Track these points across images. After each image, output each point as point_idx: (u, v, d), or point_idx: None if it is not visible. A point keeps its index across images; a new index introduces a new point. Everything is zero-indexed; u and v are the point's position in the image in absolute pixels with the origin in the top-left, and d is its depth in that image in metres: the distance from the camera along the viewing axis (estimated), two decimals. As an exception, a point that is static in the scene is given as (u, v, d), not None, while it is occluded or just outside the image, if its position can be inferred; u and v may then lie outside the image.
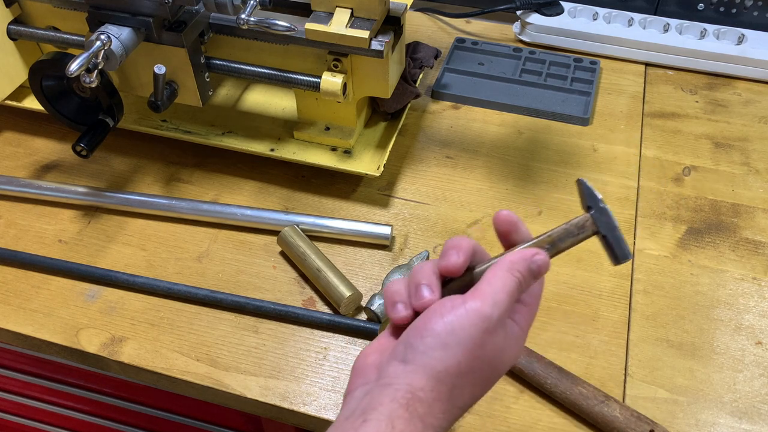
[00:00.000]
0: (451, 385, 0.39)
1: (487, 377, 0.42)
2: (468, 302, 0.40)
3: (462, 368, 0.39)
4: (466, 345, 0.39)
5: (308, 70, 0.72)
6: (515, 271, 0.42)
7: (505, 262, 0.43)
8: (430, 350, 0.39)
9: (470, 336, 0.39)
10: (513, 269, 0.42)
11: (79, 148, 0.68)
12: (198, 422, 0.82)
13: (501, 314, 0.41)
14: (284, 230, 0.70)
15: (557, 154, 0.82)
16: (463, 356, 0.39)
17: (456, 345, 0.39)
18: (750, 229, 0.74)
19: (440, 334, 0.39)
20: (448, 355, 0.39)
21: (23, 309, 0.67)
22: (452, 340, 0.39)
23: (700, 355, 0.63)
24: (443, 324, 0.40)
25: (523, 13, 0.97)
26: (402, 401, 0.38)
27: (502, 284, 0.41)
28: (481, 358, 0.40)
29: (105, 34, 0.64)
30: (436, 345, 0.39)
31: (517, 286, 0.42)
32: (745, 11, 0.95)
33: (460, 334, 0.39)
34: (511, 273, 0.42)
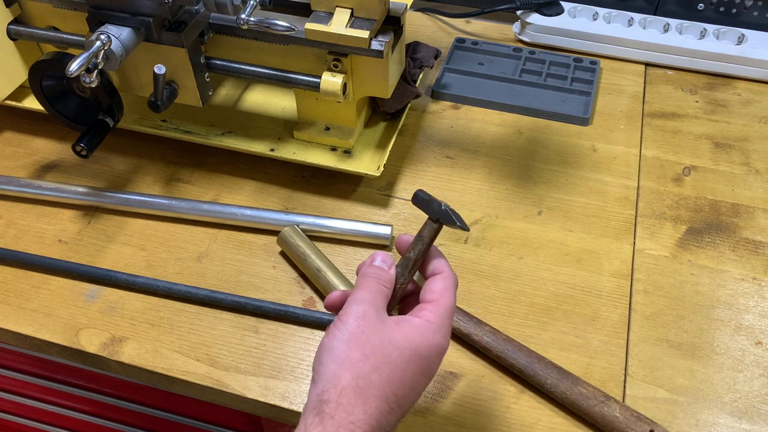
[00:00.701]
0: (351, 377, 0.42)
1: (396, 360, 0.43)
2: (339, 314, 0.46)
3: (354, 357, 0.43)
4: (347, 338, 0.44)
5: (308, 70, 0.72)
6: (365, 275, 0.48)
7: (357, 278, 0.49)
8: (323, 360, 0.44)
9: (347, 331, 0.44)
10: (363, 276, 0.48)
11: (79, 148, 0.68)
12: (198, 422, 0.82)
13: (365, 304, 0.45)
14: (284, 230, 0.70)
15: (557, 154, 0.82)
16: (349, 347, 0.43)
17: (339, 343, 0.43)
18: (750, 229, 0.74)
19: (325, 344, 0.44)
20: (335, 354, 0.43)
21: (23, 309, 0.67)
22: (335, 342, 0.44)
23: (700, 355, 0.63)
24: (327, 338, 0.44)
25: (523, 13, 0.97)
26: (314, 411, 0.42)
27: (358, 288, 0.47)
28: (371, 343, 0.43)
29: (105, 34, 0.64)
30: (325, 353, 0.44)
31: (371, 283, 0.47)
32: (745, 11, 0.95)
33: (339, 335, 0.44)
34: (363, 278, 0.48)
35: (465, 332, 0.62)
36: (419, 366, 0.44)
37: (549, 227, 0.74)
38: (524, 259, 0.71)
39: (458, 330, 0.63)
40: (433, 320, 0.45)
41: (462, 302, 0.66)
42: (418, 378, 0.44)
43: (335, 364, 0.43)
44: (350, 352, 0.43)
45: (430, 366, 0.45)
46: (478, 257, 0.71)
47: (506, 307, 0.66)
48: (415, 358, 0.44)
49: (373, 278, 0.47)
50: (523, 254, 0.71)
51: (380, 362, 0.43)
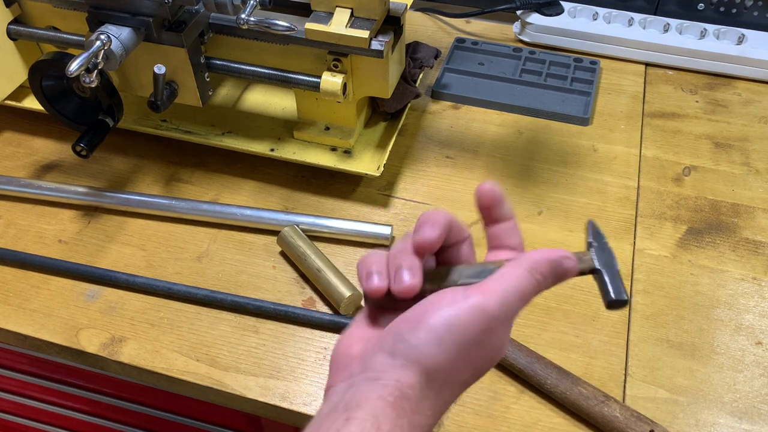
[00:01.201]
0: (441, 383, 0.37)
1: (478, 374, 0.39)
2: (471, 297, 0.37)
3: (455, 367, 0.37)
4: (462, 343, 0.36)
5: (308, 70, 0.72)
6: (536, 273, 0.39)
7: (527, 260, 0.39)
8: (423, 345, 0.36)
9: (468, 334, 0.36)
10: (534, 270, 0.39)
11: (79, 148, 0.68)
12: (198, 422, 0.82)
13: (507, 315, 0.38)
14: (284, 230, 0.70)
15: (557, 154, 0.82)
16: (458, 354, 0.36)
17: (452, 343, 0.36)
18: (750, 229, 0.74)
19: (435, 328, 0.36)
20: (442, 351, 0.36)
21: (23, 309, 0.67)
22: (448, 336, 0.36)
23: (700, 355, 0.63)
24: (440, 318, 0.36)
25: (523, 13, 0.97)
26: (389, 399, 0.35)
27: (517, 284, 0.38)
28: (476, 357, 0.38)
29: (105, 34, 0.64)
30: (431, 340, 0.36)
31: (534, 288, 0.39)
32: (745, 11, 0.95)
33: (458, 331, 0.36)
34: (531, 274, 0.39)
35: (465, 332, 0.62)
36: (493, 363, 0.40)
37: (549, 227, 0.74)
38: (524, 259, 0.70)
39: (458, 330, 0.63)
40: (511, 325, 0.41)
41: (462, 302, 0.66)
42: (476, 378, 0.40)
43: (434, 363, 0.36)
44: (455, 361, 0.37)
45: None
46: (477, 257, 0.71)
47: (506, 307, 0.66)
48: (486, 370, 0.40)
49: (538, 285, 0.40)
50: (523, 254, 0.71)
51: (469, 376, 0.39)
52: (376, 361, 0.37)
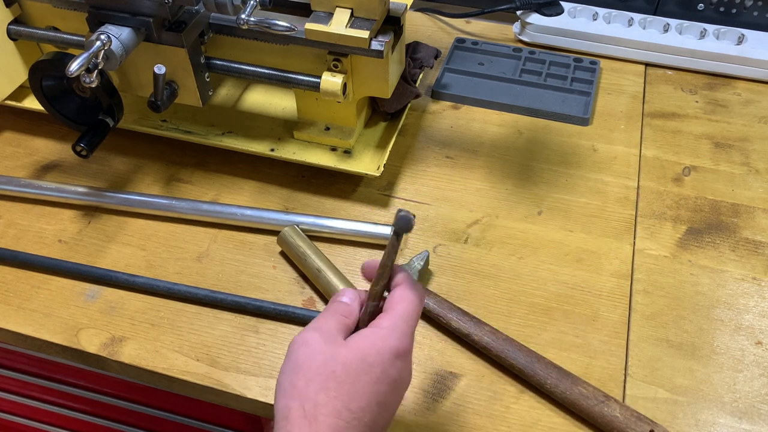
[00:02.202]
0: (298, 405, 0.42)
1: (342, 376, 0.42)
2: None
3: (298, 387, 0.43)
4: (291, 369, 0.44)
5: (308, 70, 0.72)
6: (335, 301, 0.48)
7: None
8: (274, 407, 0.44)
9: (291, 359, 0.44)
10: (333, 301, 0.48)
11: (79, 148, 0.68)
12: (198, 422, 0.82)
13: (316, 330, 0.45)
14: (284, 230, 0.70)
15: (557, 154, 0.82)
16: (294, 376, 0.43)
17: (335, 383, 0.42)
18: (750, 229, 0.74)
19: (320, 360, 0.44)
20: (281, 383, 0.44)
21: (23, 309, 0.67)
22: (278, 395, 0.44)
23: (700, 355, 0.63)
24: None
25: (523, 13, 0.97)
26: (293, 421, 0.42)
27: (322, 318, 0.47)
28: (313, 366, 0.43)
29: (105, 34, 0.64)
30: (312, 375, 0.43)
31: (337, 318, 0.46)
32: (745, 11, 0.95)
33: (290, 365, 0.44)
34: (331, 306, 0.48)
35: (465, 332, 0.62)
36: (371, 374, 0.42)
37: (549, 227, 0.74)
38: (524, 259, 0.71)
39: (458, 330, 0.63)
40: (386, 325, 0.44)
41: (462, 302, 0.66)
42: (374, 387, 0.42)
43: (284, 398, 0.42)
44: (295, 381, 0.42)
45: (385, 371, 0.43)
46: (478, 257, 0.71)
47: (506, 307, 0.66)
48: (363, 366, 0.42)
49: (331, 307, 0.47)
50: (523, 254, 0.71)
51: (325, 381, 0.42)
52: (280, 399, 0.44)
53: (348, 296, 0.48)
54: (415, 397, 0.60)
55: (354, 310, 0.47)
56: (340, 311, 0.46)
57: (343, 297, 0.48)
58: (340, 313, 0.46)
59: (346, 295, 0.48)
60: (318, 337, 0.44)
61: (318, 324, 0.45)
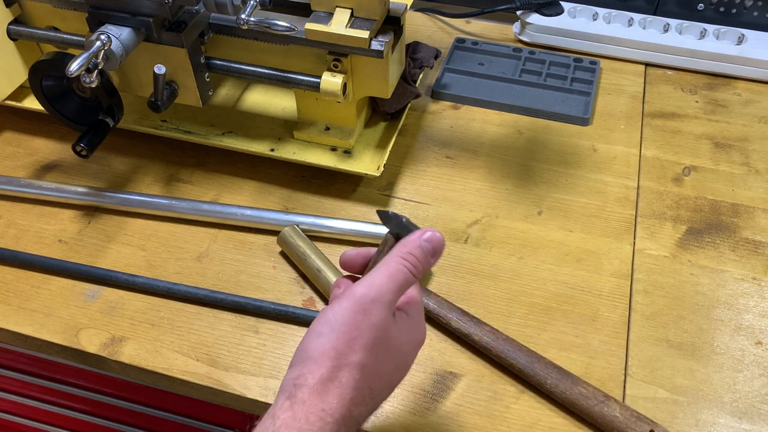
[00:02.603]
0: (331, 366, 0.40)
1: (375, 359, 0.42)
2: (345, 293, 0.42)
3: (339, 348, 0.41)
4: (339, 328, 0.41)
5: (308, 70, 0.72)
6: (404, 254, 0.44)
7: (394, 250, 0.45)
8: (308, 344, 0.42)
9: (342, 318, 0.41)
10: (401, 253, 0.44)
11: (79, 148, 0.68)
12: (198, 422, 0.82)
13: (377, 295, 0.42)
14: (284, 230, 0.70)
15: (557, 154, 0.82)
16: (338, 339, 0.41)
17: (329, 331, 0.41)
18: (750, 229, 0.74)
19: (315, 327, 0.42)
20: (321, 341, 0.41)
21: (23, 309, 0.67)
22: (325, 328, 0.41)
23: (700, 355, 0.63)
24: (319, 321, 0.42)
25: (523, 13, 0.97)
26: (285, 394, 0.40)
27: (384, 268, 0.43)
28: (358, 337, 0.41)
29: (105, 34, 0.64)
30: (313, 338, 0.41)
31: (403, 268, 0.43)
32: (745, 11, 0.95)
33: (333, 320, 0.41)
34: (399, 257, 0.44)
35: (465, 332, 0.62)
36: (398, 361, 0.44)
37: (549, 227, 0.74)
38: (524, 259, 0.71)
39: (458, 330, 0.63)
40: (415, 316, 0.46)
41: (462, 302, 0.66)
42: (394, 373, 0.44)
43: (319, 352, 0.41)
44: (338, 344, 0.41)
45: (407, 361, 0.45)
46: (478, 257, 0.71)
47: (506, 307, 0.66)
48: (396, 355, 0.44)
49: (407, 266, 0.44)
50: (523, 254, 0.71)
51: (365, 359, 0.42)
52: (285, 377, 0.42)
53: (434, 248, 0.46)
54: (415, 397, 0.60)
55: (426, 268, 0.46)
56: (417, 271, 0.45)
57: (427, 244, 0.46)
58: (413, 274, 0.45)
59: (434, 246, 0.46)
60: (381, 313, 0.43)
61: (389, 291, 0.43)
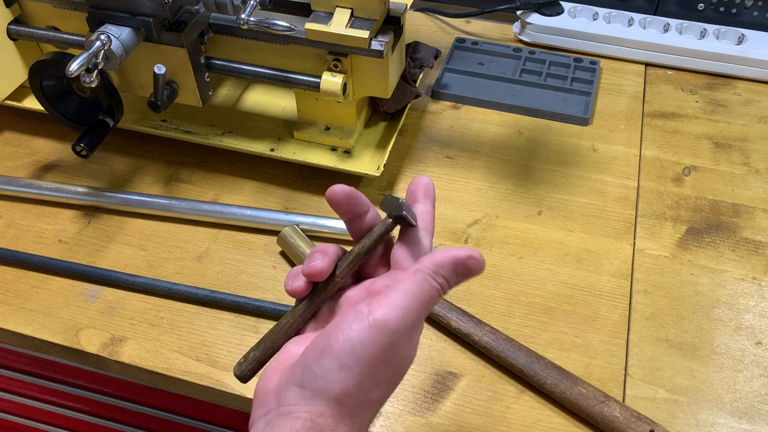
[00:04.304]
0: (352, 406, 0.36)
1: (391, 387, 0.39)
2: (372, 313, 0.36)
3: (364, 388, 0.36)
4: (368, 364, 0.36)
5: (308, 70, 0.72)
6: (439, 277, 0.38)
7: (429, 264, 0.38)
8: (329, 373, 0.36)
9: (372, 354, 0.36)
10: (435, 275, 0.38)
11: (79, 148, 0.68)
12: (198, 422, 0.82)
13: (410, 325, 0.37)
14: (284, 230, 0.70)
15: (557, 154, 0.82)
16: (365, 376, 0.36)
17: (357, 366, 0.36)
18: (750, 229, 0.74)
19: (338, 354, 0.36)
20: (347, 376, 0.36)
21: (23, 309, 0.67)
22: (352, 360, 0.35)
23: (700, 355, 0.63)
24: (342, 343, 0.36)
25: (523, 13, 0.97)
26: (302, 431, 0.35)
27: (418, 292, 0.37)
28: (384, 373, 0.37)
29: (105, 34, 0.64)
30: (335, 367, 0.36)
31: (436, 293, 0.38)
32: (745, 11, 0.95)
33: (361, 354, 0.35)
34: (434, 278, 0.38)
35: (465, 332, 0.62)
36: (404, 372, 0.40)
37: (549, 227, 0.74)
38: (524, 259, 0.71)
39: (458, 330, 0.63)
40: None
41: (462, 302, 0.66)
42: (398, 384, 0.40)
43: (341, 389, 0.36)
44: (363, 381, 0.36)
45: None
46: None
47: (506, 307, 0.66)
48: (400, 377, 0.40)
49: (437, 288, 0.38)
50: (523, 254, 0.71)
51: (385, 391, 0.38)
52: (288, 395, 0.37)
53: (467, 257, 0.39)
54: (415, 397, 0.60)
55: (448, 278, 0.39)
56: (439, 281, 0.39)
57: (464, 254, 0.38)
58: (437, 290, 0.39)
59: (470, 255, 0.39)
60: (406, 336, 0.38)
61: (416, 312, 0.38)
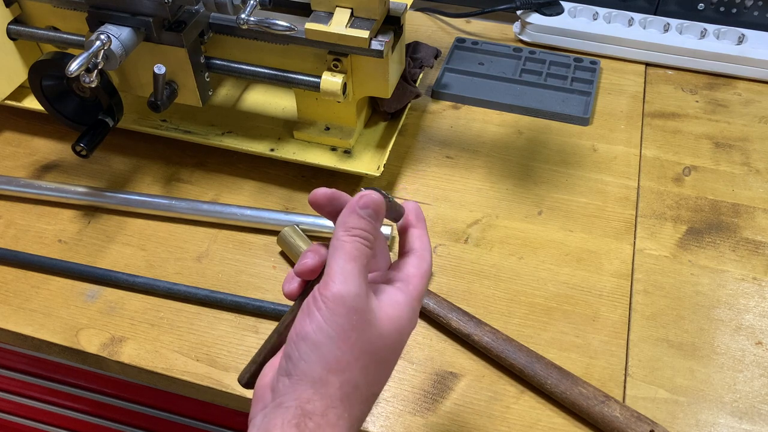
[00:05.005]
0: (339, 385, 0.37)
1: (382, 356, 0.39)
2: (321, 292, 0.37)
3: (342, 362, 0.37)
4: (338, 334, 0.36)
5: (308, 70, 0.72)
6: (349, 231, 0.39)
7: (336, 232, 0.39)
8: (306, 357, 0.37)
9: (338, 324, 0.37)
10: (346, 232, 0.39)
11: (79, 148, 0.68)
12: (198, 422, 0.82)
13: (357, 288, 0.37)
14: (284, 230, 0.70)
15: (557, 154, 0.82)
16: (340, 350, 0.37)
17: (327, 340, 0.36)
18: (750, 229, 0.74)
19: (309, 335, 0.37)
20: (323, 353, 0.37)
21: (23, 309, 0.67)
22: (322, 337, 0.36)
23: (701, 355, 0.63)
24: (310, 324, 0.37)
25: (523, 13, 0.97)
26: (293, 421, 0.36)
27: (343, 254, 0.38)
28: (362, 341, 0.37)
29: (105, 34, 0.64)
30: (309, 349, 0.37)
31: (358, 247, 0.38)
32: (745, 11, 0.95)
33: (327, 328, 0.36)
34: (347, 236, 0.39)
35: (465, 332, 0.62)
36: (397, 354, 0.40)
37: (549, 227, 0.74)
38: (524, 259, 0.71)
39: (458, 330, 0.63)
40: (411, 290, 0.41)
41: (462, 302, 0.66)
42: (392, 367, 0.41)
43: (322, 367, 0.37)
44: (340, 353, 0.37)
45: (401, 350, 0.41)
46: (478, 257, 0.71)
47: (506, 307, 0.66)
48: (399, 348, 0.40)
49: (359, 240, 0.39)
50: (523, 254, 0.71)
51: (368, 362, 0.38)
52: (279, 387, 0.38)
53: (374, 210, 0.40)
54: (415, 397, 0.60)
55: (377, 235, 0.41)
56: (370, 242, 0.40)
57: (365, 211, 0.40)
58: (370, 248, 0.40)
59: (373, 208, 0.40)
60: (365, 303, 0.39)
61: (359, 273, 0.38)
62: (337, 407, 0.37)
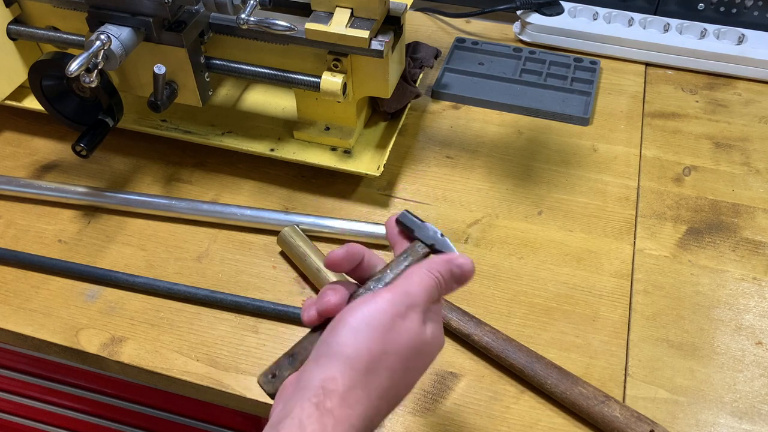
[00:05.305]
0: (364, 370, 0.39)
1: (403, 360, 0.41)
2: (379, 294, 0.42)
3: (374, 351, 0.40)
4: (375, 329, 0.40)
5: (308, 70, 0.72)
6: (434, 271, 0.44)
7: (423, 263, 0.45)
8: (342, 339, 0.40)
9: (379, 320, 0.40)
10: (432, 269, 0.44)
11: (79, 148, 0.68)
12: (198, 422, 0.82)
13: (412, 303, 0.42)
14: (284, 230, 0.70)
15: (557, 154, 0.82)
16: (374, 339, 0.40)
17: (366, 330, 0.40)
18: (750, 229, 0.74)
19: (350, 323, 0.40)
20: (357, 339, 0.40)
21: (23, 309, 0.66)
22: (363, 326, 0.40)
23: (701, 355, 0.63)
24: (353, 314, 0.41)
25: (523, 13, 0.97)
26: (313, 400, 0.38)
27: (418, 279, 0.43)
28: (393, 341, 0.40)
29: (105, 34, 0.64)
30: (347, 333, 0.40)
31: (435, 284, 0.43)
32: (745, 11, 0.95)
33: (370, 321, 0.40)
34: (430, 272, 0.44)
35: (465, 332, 0.62)
36: (425, 366, 0.44)
37: (549, 227, 0.74)
38: (524, 259, 0.71)
39: (458, 330, 0.63)
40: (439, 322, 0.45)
41: (462, 302, 0.66)
42: (417, 377, 0.44)
43: (353, 350, 0.39)
44: (373, 344, 0.40)
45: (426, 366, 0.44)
46: (478, 257, 0.71)
47: (506, 307, 0.66)
48: (427, 361, 0.43)
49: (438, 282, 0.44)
50: (523, 254, 0.71)
51: (397, 366, 0.41)
52: (304, 374, 0.40)
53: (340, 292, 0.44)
54: (415, 397, 0.60)
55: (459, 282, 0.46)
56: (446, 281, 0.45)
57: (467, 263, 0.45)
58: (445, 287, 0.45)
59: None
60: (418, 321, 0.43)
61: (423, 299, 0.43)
62: (359, 393, 0.39)
